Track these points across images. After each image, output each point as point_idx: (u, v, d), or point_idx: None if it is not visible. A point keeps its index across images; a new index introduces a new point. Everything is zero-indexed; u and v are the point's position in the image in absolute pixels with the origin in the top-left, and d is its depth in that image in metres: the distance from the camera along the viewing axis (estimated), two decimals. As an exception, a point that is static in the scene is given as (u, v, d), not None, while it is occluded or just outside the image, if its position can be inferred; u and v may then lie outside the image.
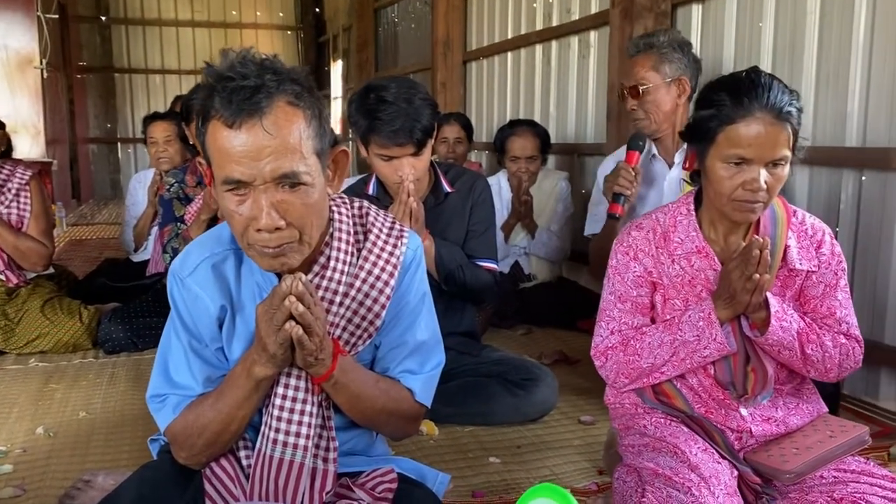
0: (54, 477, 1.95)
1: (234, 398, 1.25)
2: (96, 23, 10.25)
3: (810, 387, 1.67)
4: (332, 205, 1.35)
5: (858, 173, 2.48)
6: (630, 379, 1.64)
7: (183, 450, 1.30)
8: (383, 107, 2.11)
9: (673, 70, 2.41)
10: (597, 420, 2.34)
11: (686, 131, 1.60)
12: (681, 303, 1.61)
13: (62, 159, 8.04)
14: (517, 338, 3.33)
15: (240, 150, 1.15)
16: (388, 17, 7.46)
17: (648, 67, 2.42)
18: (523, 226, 3.59)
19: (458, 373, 2.31)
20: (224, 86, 1.15)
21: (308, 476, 1.27)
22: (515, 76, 4.76)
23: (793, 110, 1.46)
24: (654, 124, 2.45)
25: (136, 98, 10.62)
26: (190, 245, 1.36)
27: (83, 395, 2.59)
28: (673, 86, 2.41)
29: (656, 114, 2.43)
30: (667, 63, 2.41)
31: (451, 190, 2.36)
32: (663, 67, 2.41)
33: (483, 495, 1.86)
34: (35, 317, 3.03)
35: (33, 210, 3.07)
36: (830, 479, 1.47)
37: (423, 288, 1.43)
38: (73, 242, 6.26)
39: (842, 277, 1.60)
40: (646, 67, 2.42)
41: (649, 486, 1.44)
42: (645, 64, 2.42)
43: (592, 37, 3.90)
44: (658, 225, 1.64)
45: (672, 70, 2.41)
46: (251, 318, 1.27)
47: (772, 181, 1.48)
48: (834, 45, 2.53)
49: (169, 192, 3.21)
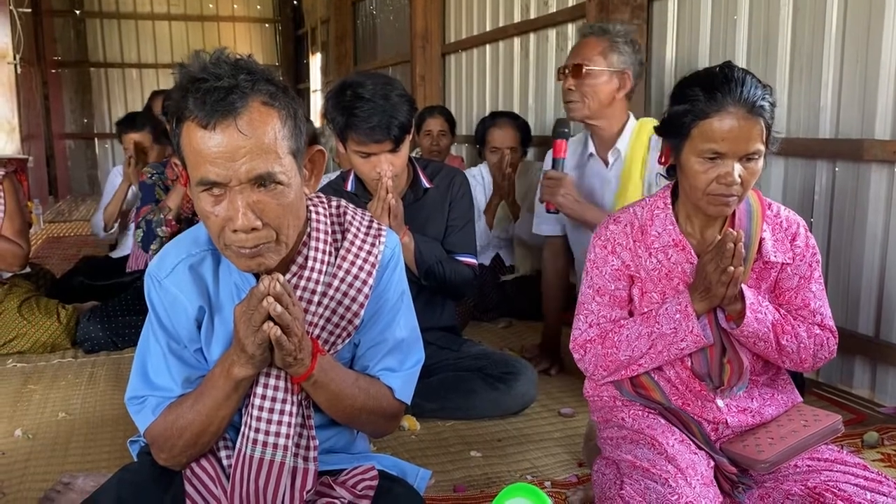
0: (33, 479, 1.93)
1: (213, 399, 1.25)
2: (70, 16, 10.10)
3: (785, 377, 1.70)
4: (310, 204, 1.35)
5: (832, 164, 2.51)
6: (608, 371, 1.66)
7: (163, 451, 1.29)
8: (360, 104, 2.10)
9: (620, 61, 2.37)
10: (577, 412, 2.36)
11: (661, 126, 1.61)
12: (658, 296, 1.63)
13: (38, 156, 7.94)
14: (498, 331, 3.35)
15: (215, 151, 1.14)
16: (367, 9, 7.43)
17: (597, 52, 2.38)
18: (507, 205, 3.59)
19: (439, 368, 2.32)
20: (198, 87, 1.15)
21: (288, 475, 1.28)
22: (494, 69, 4.77)
23: (766, 104, 1.48)
24: (587, 110, 2.40)
25: (113, 93, 10.49)
26: (167, 246, 1.35)
27: (62, 396, 2.57)
28: (615, 77, 2.38)
29: (592, 99, 2.38)
30: (616, 53, 2.37)
31: (429, 185, 2.36)
32: (612, 56, 2.37)
33: (464, 489, 1.87)
34: (12, 317, 2.99)
35: (7, 209, 3.03)
36: (805, 467, 1.50)
37: (402, 286, 1.43)
38: (50, 240, 6.19)
39: (816, 269, 1.63)
40: (595, 50, 2.38)
41: (628, 478, 1.46)
42: (595, 47, 2.38)
43: (570, 29, 3.90)
44: (635, 218, 1.65)
45: (619, 61, 2.37)
46: (229, 319, 1.27)
47: (746, 175, 1.49)
48: (807, 39, 2.56)
49: (150, 179, 3.21)
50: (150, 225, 3.05)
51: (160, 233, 3.03)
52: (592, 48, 2.39)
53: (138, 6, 10.50)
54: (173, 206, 3.05)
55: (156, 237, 3.04)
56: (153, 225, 3.04)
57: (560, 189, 2.37)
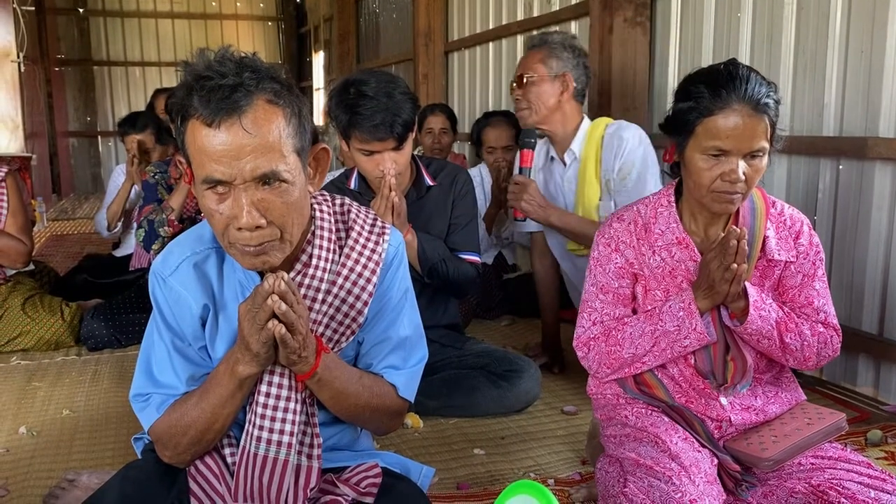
0: (38, 476, 1.94)
1: (217, 397, 1.25)
2: (74, 14, 10.09)
3: (789, 375, 1.70)
4: (314, 202, 1.35)
5: (835, 162, 2.51)
6: (612, 369, 1.66)
7: (167, 449, 1.30)
8: (363, 101, 2.10)
9: (559, 66, 2.46)
10: (580, 410, 2.36)
11: (665, 123, 1.61)
12: (662, 294, 1.63)
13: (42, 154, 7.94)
14: (501, 329, 3.35)
15: (219, 149, 1.14)
16: (370, 7, 7.42)
17: (537, 60, 2.48)
18: (507, 214, 3.59)
19: (442, 365, 2.33)
20: (202, 85, 1.15)
21: (292, 473, 1.28)
22: (497, 66, 4.76)
23: (770, 102, 1.48)
24: (536, 115, 2.49)
25: (116, 91, 10.49)
26: (171, 244, 1.36)
27: (66, 394, 2.58)
28: (557, 81, 2.46)
29: (538, 105, 2.48)
30: (554, 59, 2.46)
31: (432, 183, 2.36)
32: (550, 62, 2.47)
33: (468, 487, 1.87)
34: (16, 315, 3.00)
35: (10, 207, 3.03)
36: (808, 465, 1.50)
37: (406, 284, 1.43)
38: (53, 238, 6.20)
39: (819, 267, 1.62)
40: (535, 60, 2.49)
41: (631, 475, 1.46)
42: (535, 57, 2.49)
43: (573, 27, 3.90)
44: (639, 216, 1.65)
45: (558, 66, 2.46)
46: (234, 317, 1.28)
47: (750, 172, 1.49)
48: (811, 36, 2.55)
49: (153, 178, 3.22)
50: (153, 225, 3.06)
51: (162, 233, 3.03)
52: (533, 58, 2.50)
53: (141, 4, 10.49)
54: (176, 206, 3.05)
55: (158, 237, 3.05)
56: (155, 225, 3.05)
57: (524, 195, 2.43)
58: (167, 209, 3.06)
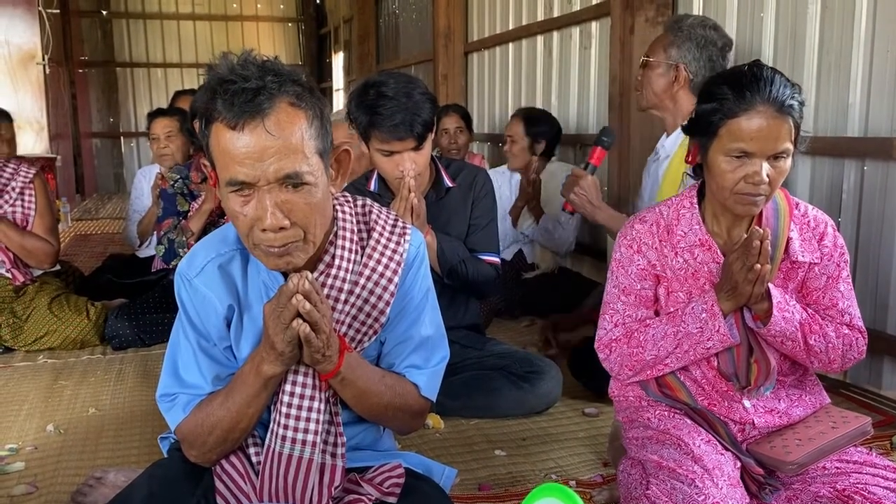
0: (65, 474, 1.97)
1: (243, 396, 1.26)
2: (97, 17, 10.23)
3: (813, 378, 1.68)
4: (336, 203, 1.36)
5: (860, 163, 2.48)
6: (634, 371, 1.65)
7: (193, 448, 1.31)
8: (383, 102, 2.12)
9: (676, 55, 2.40)
10: (601, 412, 2.35)
11: (688, 125, 1.60)
12: (684, 295, 1.62)
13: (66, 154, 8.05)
14: (521, 329, 3.35)
15: (243, 151, 1.16)
16: (389, 8, 7.45)
17: (661, 45, 2.44)
18: (529, 210, 3.60)
19: (463, 366, 2.33)
20: (226, 88, 1.16)
21: (317, 471, 1.29)
22: (517, 67, 4.76)
23: (795, 103, 1.47)
24: (644, 100, 2.49)
25: (138, 92, 10.62)
26: (196, 246, 1.37)
27: (92, 392, 2.61)
28: (670, 70, 2.41)
29: (648, 90, 2.46)
30: (675, 47, 2.41)
31: (452, 184, 2.36)
32: (671, 50, 2.41)
33: (489, 488, 1.87)
34: (43, 314, 3.05)
35: (38, 208, 3.08)
36: (833, 469, 1.48)
37: (427, 284, 1.44)
38: (77, 237, 6.28)
39: (844, 269, 1.61)
40: (660, 44, 2.45)
41: (654, 478, 1.46)
42: (662, 40, 2.45)
43: (594, 27, 3.89)
44: (661, 218, 1.64)
45: (676, 55, 2.40)
46: (258, 317, 1.29)
47: (774, 174, 1.48)
48: (836, 35, 2.53)
49: (173, 188, 3.22)
50: (173, 244, 3.07)
51: (181, 253, 3.05)
52: (659, 41, 2.46)
53: (163, 6, 10.61)
54: (196, 231, 3.05)
55: (177, 255, 3.07)
56: (175, 245, 3.07)
57: (575, 187, 2.39)
58: (187, 231, 3.07)
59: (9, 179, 3.06)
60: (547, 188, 3.59)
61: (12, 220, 3.01)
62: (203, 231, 3.04)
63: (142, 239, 3.91)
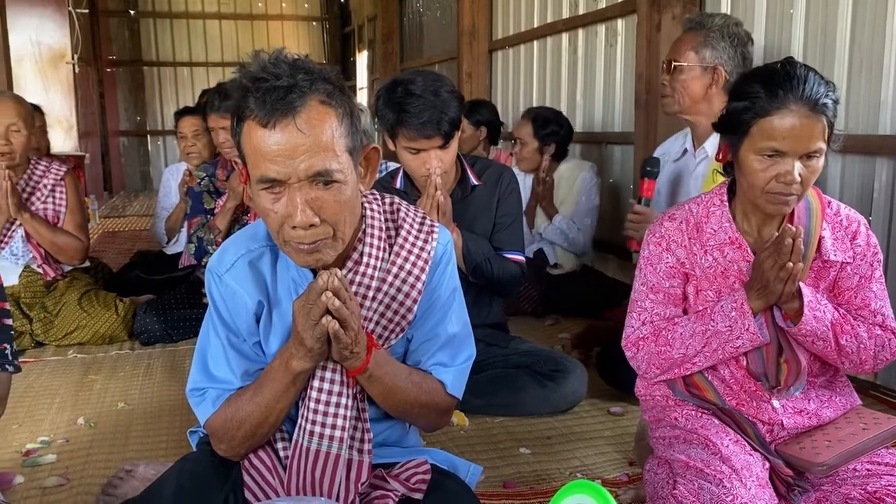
0: (96, 466, 2.00)
1: (272, 391, 1.27)
2: (125, 17, 10.36)
3: (843, 379, 1.66)
4: (364, 201, 1.37)
5: (892, 161, 2.44)
6: (661, 370, 1.64)
7: (223, 442, 1.33)
8: (411, 100, 2.12)
9: (712, 56, 2.32)
10: (626, 411, 2.34)
11: (719, 123, 1.58)
12: (713, 294, 1.60)
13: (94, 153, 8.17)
14: (545, 328, 3.34)
15: (274, 149, 1.17)
16: (413, 6, 7.45)
17: (690, 47, 2.34)
18: (542, 209, 3.58)
19: (488, 364, 2.33)
20: (258, 86, 1.17)
21: (344, 467, 1.30)
22: (542, 65, 4.74)
23: (829, 102, 1.44)
24: (678, 105, 2.37)
25: (165, 91, 10.74)
26: (226, 242, 1.39)
27: (121, 387, 2.65)
28: (707, 72, 2.32)
29: (682, 95, 2.35)
30: (709, 48, 2.32)
31: (477, 182, 2.36)
32: (704, 51, 2.32)
33: (514, 486, 1.88)
34: (73, 309, 3.10)
35: (68, 205, 3.13)
36: (864, 471, 1.46)
37: (454, 282, 1.44)
38: (106, 234, 6.37)
39: (877, 268, 1.58)
40: (688, 46, 2.34)
41: (681, 478, 1.45)
42: (689, 42, 2.35)
43: (620, 25, 3.87)
44: (691, 216, 1.63)
45: (711, 56, 2.32)
46: (288, 313, 1.30)
47: (806, 173, 1.46)
48: (867, 32, 2.49)
49: (199, 186, 3.26)
50: (202, 242, 3.14)
51: (211, 251, 3.11)
52: (686, 43, 2.35)
53: (190, 6, 10.71)
54: (222, 228, 3.09)
55: (207, 253, 3.13)
56: (204, 243, 3.13)
57: (645, 226, 2.25)
58: (214, 229, 3.11)
59: (41, 177, 3.11)
60: (559, 188, 3.57)
61: (44, 217, 3.06)
62: (228, 228, 3.08)
63: (169, 236, 3.96)
